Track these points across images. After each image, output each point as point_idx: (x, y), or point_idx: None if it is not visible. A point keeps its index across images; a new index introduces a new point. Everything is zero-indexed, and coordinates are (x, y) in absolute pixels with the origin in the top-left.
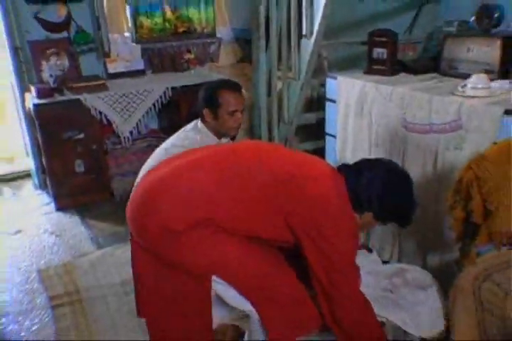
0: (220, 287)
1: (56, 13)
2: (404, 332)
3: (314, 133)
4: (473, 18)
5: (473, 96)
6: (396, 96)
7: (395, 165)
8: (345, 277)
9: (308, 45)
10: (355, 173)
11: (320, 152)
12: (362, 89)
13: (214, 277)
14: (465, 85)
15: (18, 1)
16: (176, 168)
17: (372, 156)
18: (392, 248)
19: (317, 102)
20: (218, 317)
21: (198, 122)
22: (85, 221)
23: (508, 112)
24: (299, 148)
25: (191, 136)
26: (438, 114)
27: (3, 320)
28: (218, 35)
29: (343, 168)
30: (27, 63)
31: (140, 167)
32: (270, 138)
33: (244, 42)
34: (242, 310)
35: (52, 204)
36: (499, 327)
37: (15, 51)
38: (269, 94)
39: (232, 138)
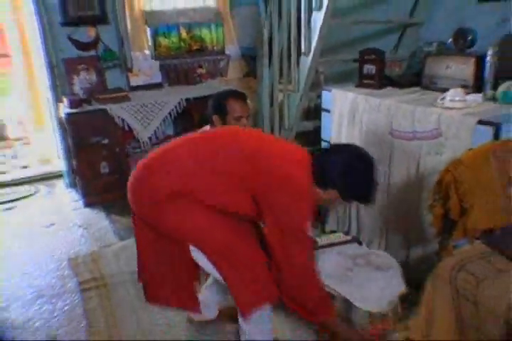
0: (195, 254)
1: (86, 34)
2: (352, 305)
3: (312, 139)
4: (450, 40)
5: (451, 108)
6: (384, 107)
7: (361, 150)
8: (298, 243)
9: (307, 61)
10: (324, 154)
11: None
12: (354, 101)
13: (195, 252)
14: (444, 98)
15: (55, 24)
16: (164, 148)
17: None
18: (380, 240)
19: (314, 112)
20: (221, 301)
21: (208, 127)
22: (109, 216)
23: (481, 122)
24: None
25: None
26: (420, 123)
27: (39, 301)
28: (227, 52)
29: (315, 151)
30: (61, 78)
31: None
32: None
33: (249, 59)
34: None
35: (81, 201)
36: (472, 311)
37: (51, 68)
38: (271, 104)
39: None
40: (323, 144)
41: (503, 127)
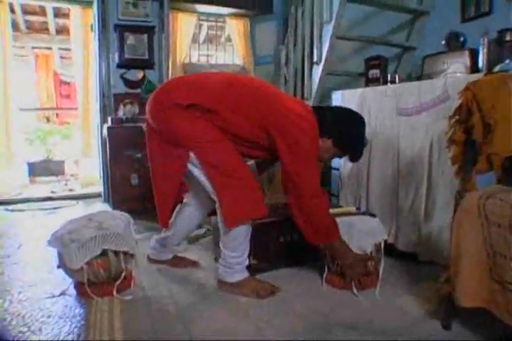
0: (191, 165)
1: (136, 75)
2: None
3: None
4: (443, 42)
5: (455, 72)
6: (390, 91)
7: (357, 113)
8: (309, 170)
9: (318, 69)
10: (321, 108)
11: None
12: (361, 95)
13: (192, 163)
14: (446, 74)
15: (112, 66)
16: (196, 75)
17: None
18: (391, 222)
19: None
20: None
21: None
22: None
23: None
24: None
25: None
26: (427, 93)
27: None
28: None
29: (316, 106)
30: (109, 108)
31: None
32: None
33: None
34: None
35: (110, 208)
36: (506, 237)
37: (103, 99)
38: None
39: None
40: None
41: None
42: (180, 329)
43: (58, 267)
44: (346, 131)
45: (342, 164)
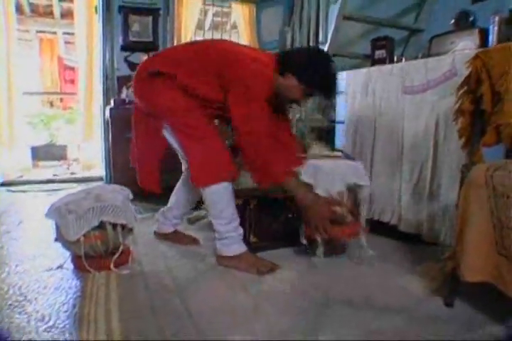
0: (166, 132)
1: (140, 58)
2: None
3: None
4: (452, 21)
5: (463, 50)
6: (396, 70)
7: (322, 49)
8: (255, 112)
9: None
10: (289, 49)
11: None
12: (366, 74)
13: (167, 131)
14: (454, 51)
15: (116, 48)
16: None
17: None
18: (396, 204)
19: (326, 134)
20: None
21: None
22: (134, 202)
23: None
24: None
25: None
26: (434, 71)
27: None
28: None
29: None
30: (113, 91)
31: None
32: None
33: None
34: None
35: None
36: None
37: (106, 81)
38: None
39: None
40: (337, 125)
41: None
42: (177, 303)
43: (56, 240)
44: (308, 64)
45: (345, 143)
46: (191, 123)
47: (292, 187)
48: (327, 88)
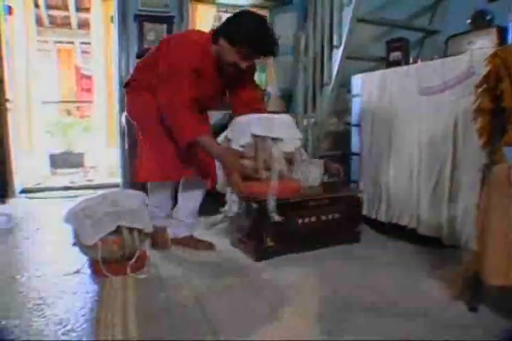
0: None
1: None
2: None
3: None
4: (469, 21)
5: (481, 48)
6: (412, 71)
7: (252, 11)
8: (177, 84)
9: (338, 53)
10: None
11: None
12: (382, 77)
13: None
14: (472, 50)
15: (132, 56)
16: None
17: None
18: (413, 209)
19: (341, 138)
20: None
21: None
22: None
23: None
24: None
25: None
26: (451, 71)
27: None
28: (268, 90)
29: None
30: None
31: None
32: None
33: (287, 97)
34: None
35: None
36: None
37: (120, 85)
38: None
39: None
40: (352, 129)
41: None
42: (193, 307)
43: (73, 244)
44: (236, 25)
45: (361, 145)
46: (148, 125)
47: (207, 145)
48: (257, 43)
